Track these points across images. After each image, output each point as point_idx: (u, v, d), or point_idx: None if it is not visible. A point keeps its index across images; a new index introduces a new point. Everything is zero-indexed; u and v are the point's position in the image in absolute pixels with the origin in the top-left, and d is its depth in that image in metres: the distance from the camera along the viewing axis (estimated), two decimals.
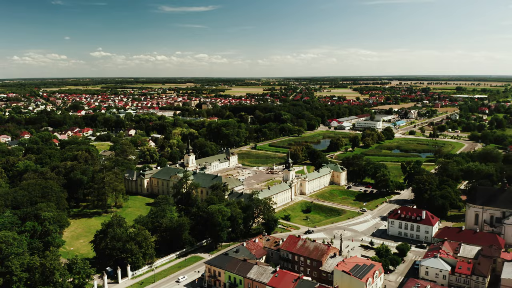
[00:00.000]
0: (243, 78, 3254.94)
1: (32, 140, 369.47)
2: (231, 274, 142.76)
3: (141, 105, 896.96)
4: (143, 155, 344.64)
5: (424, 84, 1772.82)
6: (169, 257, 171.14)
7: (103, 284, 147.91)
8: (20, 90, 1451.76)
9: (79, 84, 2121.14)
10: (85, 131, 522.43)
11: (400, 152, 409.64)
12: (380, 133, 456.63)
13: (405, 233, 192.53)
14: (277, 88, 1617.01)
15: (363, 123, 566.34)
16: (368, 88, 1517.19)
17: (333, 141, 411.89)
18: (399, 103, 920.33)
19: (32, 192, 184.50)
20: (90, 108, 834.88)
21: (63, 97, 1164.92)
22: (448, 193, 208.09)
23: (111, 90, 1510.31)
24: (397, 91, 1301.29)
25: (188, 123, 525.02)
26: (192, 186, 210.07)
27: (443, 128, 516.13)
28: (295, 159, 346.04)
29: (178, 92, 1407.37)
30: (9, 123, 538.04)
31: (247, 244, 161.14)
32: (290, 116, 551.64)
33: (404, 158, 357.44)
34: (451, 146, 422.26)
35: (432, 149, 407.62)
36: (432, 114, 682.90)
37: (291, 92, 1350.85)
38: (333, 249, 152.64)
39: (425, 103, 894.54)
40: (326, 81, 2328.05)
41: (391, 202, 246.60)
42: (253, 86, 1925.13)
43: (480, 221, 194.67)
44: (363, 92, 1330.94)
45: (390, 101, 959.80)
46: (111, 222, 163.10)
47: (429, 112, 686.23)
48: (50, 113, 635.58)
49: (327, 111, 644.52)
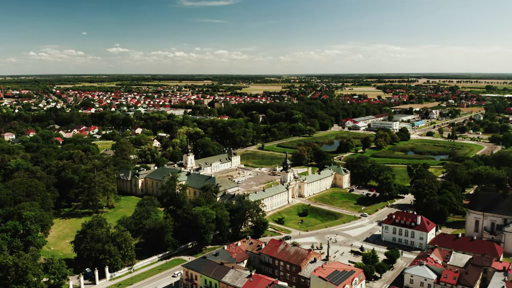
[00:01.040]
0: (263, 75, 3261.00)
1: (32, 138, 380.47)
2: (207, 277, 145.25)
3: (153, 103, 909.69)
4: (144, 155, 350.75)
5: (453, 82, 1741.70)
6: (151, 259, 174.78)
7: (79, 285, 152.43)
8: (33, 86, 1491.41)
9: (95, 81, 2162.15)
10: (91, 129, 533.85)
11: (414, 154, 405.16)
12: (394, 134, 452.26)
13: (399, 239, 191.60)
14: (296, 86, 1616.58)
15: (379, 124, 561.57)
16: (392, 86, 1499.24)
17: (343, 142, 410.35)
18: (423, 103, 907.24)
19: (16, 191, 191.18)
20: (101, 105, 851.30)
21: (75, 94, 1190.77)
22: (448, 198, 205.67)
23: (126, 87, 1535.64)
24: (423, 90, 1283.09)
25: (198, 122, 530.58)
26: (180, 187, 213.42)
27: (463, 129, 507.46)
28: (300, 160, 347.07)
29: (194, 89, 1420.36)
30: (16, 120, 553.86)
31: (228, 247, 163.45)
32: (301, 116, 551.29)
33: (416, 160, 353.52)
34: (469, 148, 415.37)
35: (448, 152, 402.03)
36: (455, 114, 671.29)
37: (310, 90, 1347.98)
38: (314, 254, 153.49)
39: (450, 103, 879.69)
40: (350, 78, 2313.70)
41: (392, 206, 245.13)
42: (272, 83, 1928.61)
43: (480, 228, 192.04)
44: (386, 90, 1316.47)
45: (413, 100, 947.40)
46: (91, 223, 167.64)
47: (451, 112, 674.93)
48: (57, 111, 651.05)
49: (342, 110, 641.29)
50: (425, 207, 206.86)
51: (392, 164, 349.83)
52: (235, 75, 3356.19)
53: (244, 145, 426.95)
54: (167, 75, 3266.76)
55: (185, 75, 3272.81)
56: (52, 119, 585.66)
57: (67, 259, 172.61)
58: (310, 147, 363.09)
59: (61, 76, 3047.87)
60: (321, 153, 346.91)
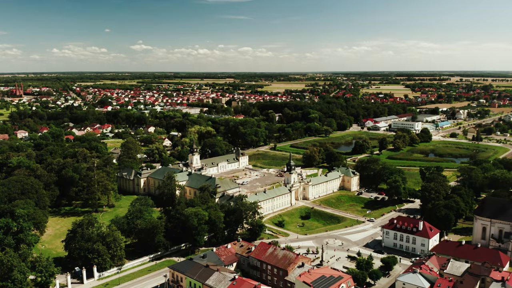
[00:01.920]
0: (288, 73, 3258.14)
1: (42, 136, 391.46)
2: (192, 280, 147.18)
3: (171, 101, 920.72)
4: (151, 154, 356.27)
5: (487, 81, 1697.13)
6: (142, 260, 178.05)
7: (66, 284, 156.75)
8: (54, 84, 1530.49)
9: (116, 78, 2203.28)
10: (105, 128, 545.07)
11: (434, 156, 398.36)
12: (414, 135, 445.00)
13: (400, 245, 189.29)
14: (320, 83, 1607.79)
15: (400, 124, 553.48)
16: (422, 84, 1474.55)
17: (358, 143, 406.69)
18: (452, 102, 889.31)
19: (12, 188, 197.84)
20: (118, 103, 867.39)
21: (95, 92, 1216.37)
22: (455, 203, 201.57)
23: (146, 85, 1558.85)
24: (454, 89, 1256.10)
25: (212, 121, 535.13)
26: (175, 187, 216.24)
27: (490, 131, 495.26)
28: (311, 162, 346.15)
29: (214, 88, 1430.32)
30: (31, 118, 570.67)
31: (217, 249, 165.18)
32: (318, 115, 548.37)
33: (435, 163, 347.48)
34: (493, 151, 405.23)
35: (470, 154, 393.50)
36: (484, 114, 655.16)
37: (334, 88, 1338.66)
38: (303, 258, 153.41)
39: (481, 102, 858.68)
40: (379, 76, 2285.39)
41: (400, 211, 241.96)
42: (296, 81, 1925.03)
43: (488, 235, 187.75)
44: (415, 89, 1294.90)
45: (441, 100, 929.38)
46: (82, 222, 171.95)
47: (480, 113, 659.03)
48: (72, 109, 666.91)
49: (363, 109, 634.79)
50: (430, 212, 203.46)
51: (408, 166, 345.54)
52: (258, 73, 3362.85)
53: (255, 145, 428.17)
54: (190, 73, 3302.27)
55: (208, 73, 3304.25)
56: (67, 116, 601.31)
57: (59, 258, 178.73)
58: (321, 148, 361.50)
59: (84, 73, 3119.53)
60: (332, 154, 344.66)
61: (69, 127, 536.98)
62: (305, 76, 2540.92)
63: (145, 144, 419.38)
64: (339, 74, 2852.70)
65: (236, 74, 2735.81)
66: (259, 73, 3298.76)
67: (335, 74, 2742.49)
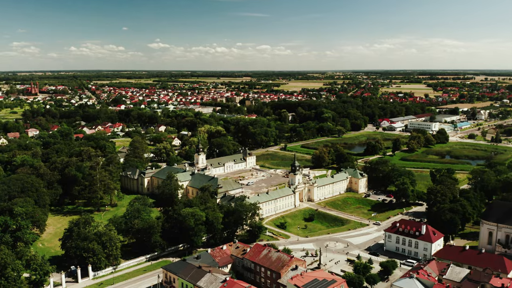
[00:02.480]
0: (306, 71, 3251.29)
1: (50, 134, 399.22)
2: (184, 281, 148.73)
3: (185, 100, 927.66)
4: (159, 153, 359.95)
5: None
6: (138, 260, 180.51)
7: (61, 283, 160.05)
8: (70, 82, 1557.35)
9: (133, 77, 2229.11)
10: (116, 126, 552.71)
11: (449, 158, 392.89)
12: (430, 136, 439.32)
13: (402, 249, 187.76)
14: (339, 82, 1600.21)
15: (417, 124, 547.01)
16: (444, 83, 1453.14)
17: (370, 143, 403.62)
18: (474, 102, 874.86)
19: (12, 186, 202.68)
20: (132, 102, 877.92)
21: (110, 90, 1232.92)
22: (461, 207, 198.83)
23: (162, 84, 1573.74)
24: (478, 88, 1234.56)
25: (224, 120, 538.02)
26: (175, 187, 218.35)
27: (510, 132, 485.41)
28: (320, 162, 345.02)
29: (230, 86, 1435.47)
30: (43, 116, 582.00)
31: (212, 251, 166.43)
32: (331, 115, 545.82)
33: (450, 165, 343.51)
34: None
35: (487, 156, 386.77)
36: (506, 115, 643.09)
37: (353, 87, 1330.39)
38: (298, 260, 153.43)
39: (504, 103, 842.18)
40: (400, 75, 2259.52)
41: (408, 214, 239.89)
42: (314, 80, 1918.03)
43: (494, 240, 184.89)
44: (437, 88, 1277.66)
45: (463, 100, 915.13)
46: (78, 221, 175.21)
47: (502, 113, 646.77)
48: (85, 107, 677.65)
49: (379, 109, 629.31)
50: (435, 216, 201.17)
51: (421, 168, 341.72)
52: (276, 71, 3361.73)
53: (265, 145, 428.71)
54: (207, 71, 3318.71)
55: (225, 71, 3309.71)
56: (79, 115, 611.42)
57: (56, 257, 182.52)
58: (331, 149, 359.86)
59: (101, 71, 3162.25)
60: (342, 155, 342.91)
61: (81, 125, 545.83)
62: (324, 74, 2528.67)
63: (155, 143, 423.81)
64: (359, 72, 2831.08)
65: (254, 73, 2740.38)
66: (277, 71, 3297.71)
67: (355, 73, 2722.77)
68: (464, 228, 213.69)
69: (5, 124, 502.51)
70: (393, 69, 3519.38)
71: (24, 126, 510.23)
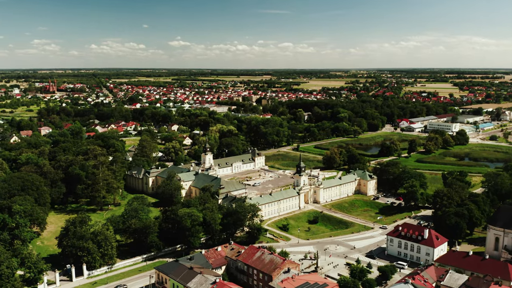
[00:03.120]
0: (329, 69, 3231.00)
1: (60, 133, 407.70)
2: (175, 281, 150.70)
3: (201, 99, 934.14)
4: (168, 152, 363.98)
5: None
6: (134, 260, 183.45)
7: (55, 281, 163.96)
8: (89, 80, 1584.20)
9: (152, 75, 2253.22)
10: (129, 125, 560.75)
11: (468, 160, 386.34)
12: (448, 137, 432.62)
13: (404, 254, 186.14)
14: (361, 81, 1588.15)
15: (437, 125, 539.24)
16: (471, 83, 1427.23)
17: (385, 144, 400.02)
18: (501, 102, 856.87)
19: (12, 184, 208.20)
20: (148, 101, 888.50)
21: (128, 88, 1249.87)
22: (467, 211, 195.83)
23: (180, 82, 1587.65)
24: (506, 88, 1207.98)
25: (238, 120, 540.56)
26: (175, 187, 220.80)
27: None
28: (331, 164, 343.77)
29: (249, 85, 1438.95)
30: (57, 114, 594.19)
31: (206, 252, 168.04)
32: (348, 115, 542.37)
33: (466, 168, 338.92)
34: None
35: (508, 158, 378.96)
36: None
37: (375, 86, 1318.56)
38: (291, 263, 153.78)
39: None
40: (426, 73, 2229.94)
41: (416, 217, 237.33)
42: (337, 78, 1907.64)
43: (501, 246, 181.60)
44: (463, 87, 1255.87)
45: (489, 99, 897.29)
46: (74, 220, 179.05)
47: None
48: (99, 106, 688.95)
49: (398, 109, 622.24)
50: (440, 220, 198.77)
51: (437, 171, 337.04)
52: (298, 69, 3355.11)
53: (277, 145, 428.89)
54: (227, 70, 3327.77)
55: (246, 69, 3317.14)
56: (93, 113, 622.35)
57: (54, 255, 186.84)
58: (343, 149, 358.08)
59: (121, 70, 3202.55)
60: (354, 156, 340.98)
61: (94, 124, 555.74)
62: (347, 73, 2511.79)
63: (166, 143, 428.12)
64: (384, 71, 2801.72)
65: (274, 71, 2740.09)
66: (299, 70, 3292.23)
67: (380, 71, 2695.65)
68: (473, 233, 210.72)
69: (19, 122, 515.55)
70: (420, 68, 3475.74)
71: (37, 124, 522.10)
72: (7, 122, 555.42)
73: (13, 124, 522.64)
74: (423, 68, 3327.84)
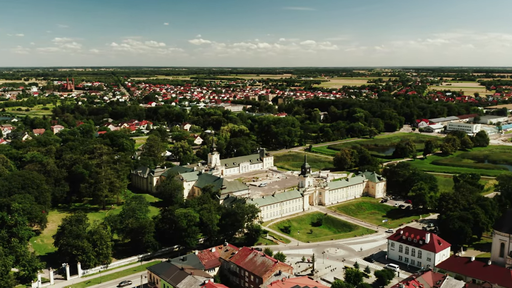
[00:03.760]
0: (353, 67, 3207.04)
1: (70, 131, 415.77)
2: (165, 282, 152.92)
3: (217, 98, 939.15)
4: (176, 152, 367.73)
5: None
6: (130, 260, 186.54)
7: (49, 279, 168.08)
8: (107, 79, 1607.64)
9: (172, 74, 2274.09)
10: (142, 124, 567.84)
11: (486, 163, 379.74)
12: (467, 138, 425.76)
13: (405, 258, 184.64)
14: (384, 80, 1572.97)
15: (457, 126, 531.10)
16: (500, 82, 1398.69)
17: (399, 145, 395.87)
18: None
19: (13, 183, 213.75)
20: (164, 99, 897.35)
21: (145, 87, 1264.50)
22: (472, 216, 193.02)
23: (198, 81, 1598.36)
24: None
25: (252, 119, 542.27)
26: (173, 186, 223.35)
27: None
28: (342, 165, 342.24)
29: (267, 84, 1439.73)
30: (70, 113, 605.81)
31: (200, 253, 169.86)
32: (364, 114, 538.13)
33: (484, 170, 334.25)
34: None
35: None
36: None
37: (398, 85, 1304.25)
38: (283, 266, 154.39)
39: None
40: (453, 72, 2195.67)
41: (424, 221, 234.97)
42: (359, 77, 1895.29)
43: (506, 252, 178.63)
44: (490, 87, 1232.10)
45: None
46: (71, 219, 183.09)
47: None
48: (113, 104, 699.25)
49: (418, 109, 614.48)
50: (444, 224, 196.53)
51: (452, 173, 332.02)
52: (321, 67, 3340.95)
53: (289, 145, 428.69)
54: (247, 68, 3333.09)
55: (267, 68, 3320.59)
56: (107, 112, 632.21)
57: (52, 254, 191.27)
58: (354, 150, 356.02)
59: (141, 68, 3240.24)
60: (365, 157, 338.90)
61: (107, 122, 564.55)
62: (371, 71, 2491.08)
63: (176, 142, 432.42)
64: (410, 69, 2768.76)
65: (296, 70, 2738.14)
66: (321, 68, 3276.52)
67: (405, 69, 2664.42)
68: (481, 238, 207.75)
69: (32, 120, 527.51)
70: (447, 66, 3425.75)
71: (50, 123, 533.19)
72: (21, 120, 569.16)
73: (27, 122, 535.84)
74: (450, 67, 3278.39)
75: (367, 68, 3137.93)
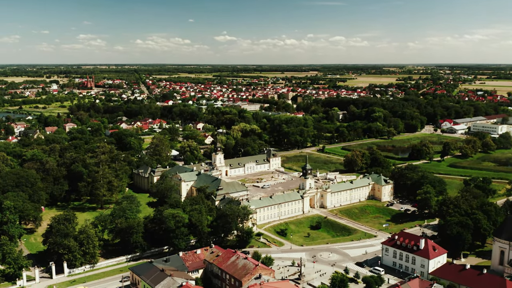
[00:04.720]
0: (383, 65, 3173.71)
1: (79, 130, 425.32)
2: (145, 283, 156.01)
3: (237, 96, 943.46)
4: (183, 151, 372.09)
5: None
6: (118, 260, 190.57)
7: (34, 277, 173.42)
8: (129, 76, 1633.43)
9: (194, 71, 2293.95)
10: (156, 123, 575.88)
11: (509, 167, 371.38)
12: (490, 140, 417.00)
13: (400, 264, 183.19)
14: (415, 78, 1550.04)
15: (481, 127, 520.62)
16: None
17: (416, 147, 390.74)
18: None
19: (7, 180, 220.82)
20: (182, 98, 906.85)
21: (165, 85, 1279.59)
22: (472, 221, 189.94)
23: (220, 79, 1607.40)
24: None
25: (267, 118, 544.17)
26: (167, 186, 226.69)
27: None
28: (352, 167, 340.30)
29: (290, 81, 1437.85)
30: (85, 111, 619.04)
31: (184, 254, 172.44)
32: (382, 114, 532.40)
33: (504, 174, 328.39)
34: None
35: None
36: None
37: (428, 84, 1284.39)
38: (264, 269, 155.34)
39: None
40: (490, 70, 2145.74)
41: (427, 227, 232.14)
42: (389, 74, 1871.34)
43: (506, 260, 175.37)
44: None
45: None
46: (59, 217, 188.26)
47: None
48: (128, 103, 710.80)
49: (442, 109, 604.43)
50: (442, 230, 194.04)
51: (469, 176, 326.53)
52: (350, 65, 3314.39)
53: (301, 145, 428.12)
54: (273, 65, 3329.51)
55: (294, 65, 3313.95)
56: (122, 110, 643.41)
57: (42, 252, 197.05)
58: (366, 151, 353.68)
59: (165, 65, 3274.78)
60: (377, 159, 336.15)
61: (121, 121, 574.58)
62: (402, 68, 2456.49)
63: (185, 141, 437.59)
64: (444, 66, 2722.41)
65: (323, 67, 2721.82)
66: (350, 65, 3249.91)
67: (439, 67, 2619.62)
68: (485, 245, 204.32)
69: (46, 118, 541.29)
70: (484, 63, 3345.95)
71: (64, 121, 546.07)
72: (36, 118, 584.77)
73: (40, 120, 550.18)
74: (488, 64, 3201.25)
75: (398, 65, 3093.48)
